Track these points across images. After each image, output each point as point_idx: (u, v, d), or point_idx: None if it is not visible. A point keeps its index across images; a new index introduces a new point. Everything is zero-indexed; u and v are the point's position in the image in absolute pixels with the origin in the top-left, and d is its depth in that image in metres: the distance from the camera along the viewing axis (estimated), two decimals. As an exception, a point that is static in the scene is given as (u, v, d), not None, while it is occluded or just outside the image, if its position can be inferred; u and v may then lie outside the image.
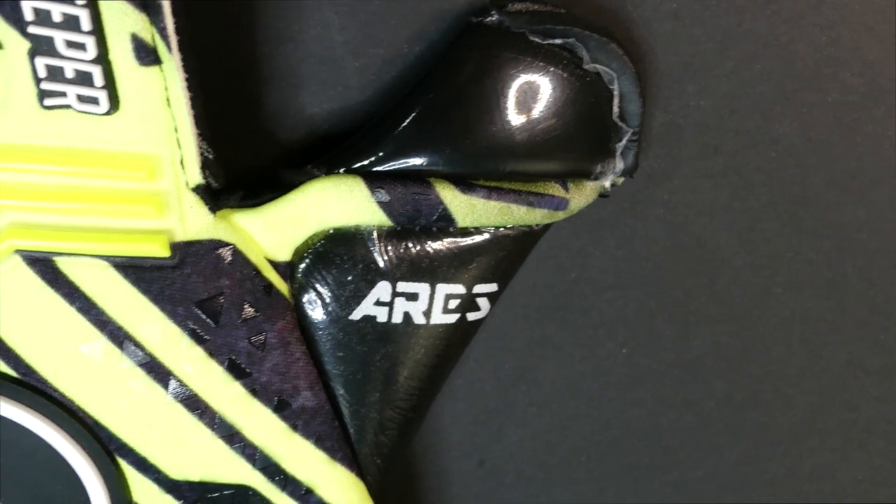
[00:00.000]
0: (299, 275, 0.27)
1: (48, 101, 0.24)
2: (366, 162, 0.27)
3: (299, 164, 0.28)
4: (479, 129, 0.27)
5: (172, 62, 0.23)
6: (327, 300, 0.27)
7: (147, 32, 0.23)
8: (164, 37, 0.23)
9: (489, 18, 0.27)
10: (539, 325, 0.32)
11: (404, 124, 0.27)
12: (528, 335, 0.32)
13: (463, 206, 0.27)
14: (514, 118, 0.27)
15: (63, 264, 0.25)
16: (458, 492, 0.34)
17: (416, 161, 0.27)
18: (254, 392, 0.27)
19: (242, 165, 0.28)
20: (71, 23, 0.23)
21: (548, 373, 0.33)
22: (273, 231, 0.26)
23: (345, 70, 0.29)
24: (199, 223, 0.26)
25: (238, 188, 0.27)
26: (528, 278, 0.32)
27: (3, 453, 0.26)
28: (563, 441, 0.33)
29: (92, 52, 0.23)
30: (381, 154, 0.27)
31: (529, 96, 0.27)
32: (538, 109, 0.27)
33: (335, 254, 0.27)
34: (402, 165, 0.27)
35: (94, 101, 0.24)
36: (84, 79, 0.23)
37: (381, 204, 0.27)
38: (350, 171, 0.27)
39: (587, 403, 0.33)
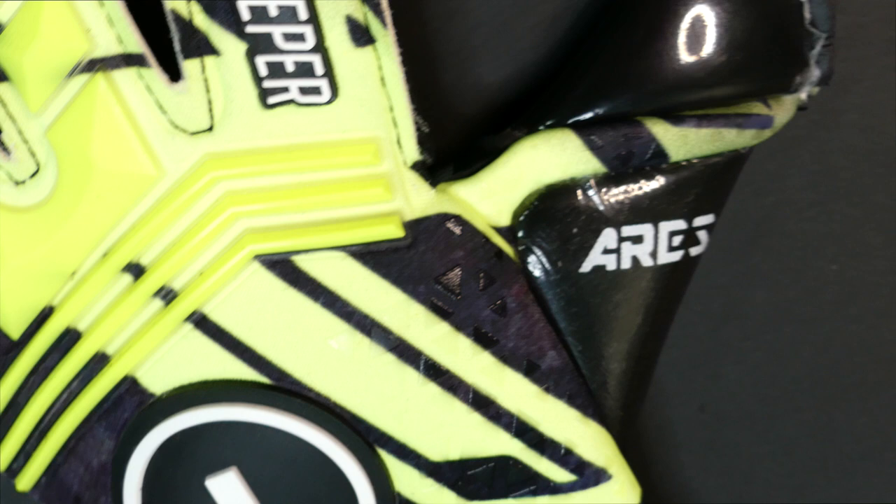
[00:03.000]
0: (521, 236, 0.27)
1: (272, 99, 0.24)
2: (564, 114, 0.27)
3: (488, 131, 0.28)
4: (675, 58, 0.27)
5: (388, 38, 0.23)
6: (554, 257, 0.27)
7: (360, 12, 0.23)
8: (378, 13, 0.23)
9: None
10: (743, 256, 0.32)
11: (596, 69, 0.27)
12: (733, 268, 0.32)
13: (675, 138, 0.27)
14: (709, 40, 0.27)
15: (302, 262, 0.25)
16: (682, 440, 0.33)
17: (617, 103, 0.27)
18: (503, 359, 0.26)
19: (438, 143, 0.28)
20: (288, 14, 0.23)
21: (758, 304, 0.32)
22: (492, 197, 0.26)
23: (515, 32, 0.29)
24: (423, 200, 0.26)
25: (448, 162, 0.27)
26: (727, 209, 0.31)
27: (265, 460, 0.26)
28: (783, 371, 0.33)
29: (311, 41, 0.23)
30: (579, 103, 0.27)
31: (719, 15, 0.27)
32: (730, 28, 0.27)
33: (556, 209, 0.27)
34: (603, 110, 0.27)
35: (317, 90, 0.24)
36: (305, 70, 0.23)
37: (595, 150, 0.26)
38: (552, 126, 0.27)
39: (803, 328, 0.32)
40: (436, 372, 0.26)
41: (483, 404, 0.27)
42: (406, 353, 0.26)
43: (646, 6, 0.27)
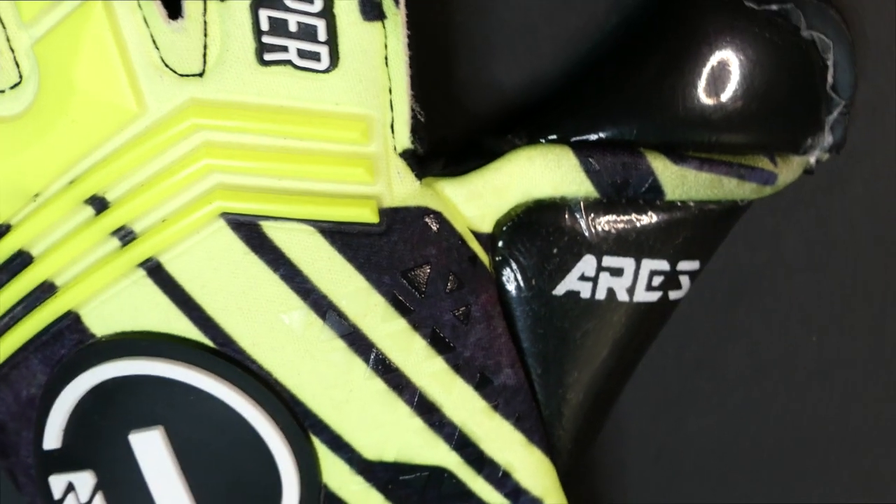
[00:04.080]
0: (500, 246, 0.26)
1: (268, 56, 0.23)
2: (568, 130, 0.26)
3: (491, 132, 0.27)
4: (689, 95, 0.26)
5: (398, 17, 0.22)
6: (530, 273, 0.26)
7: (374, -15, 0.22)
8: (393, -11, 0.22)
9: (702, -17, 0.26)
10: (725, 308, 0.31)
11: (608, 92, 0.26)
12: (713, 319, 0.31)
13: (674, 177, 0.26)
14: (726, 85, 0.26)
15: (269, 229, 0.24)
16: (632, 484, 0.32)
17: (623, 129, 0.26)
18: (456, 368, 0.25)
19: (435, 135, 0.27)
20: (299, -28, 0.22)
21: (732, 359, 0.31)
22: (477, 200, 0.25)
23: (537, 38, 0.28)
24: (406, 189, 0.25)
25: (440, 156, 0.26)
26: (718, 258, 0.30)
27: (195, 425, 0.25)
28: (746, 431, 0.32)
29: (318, 4, 0.22)
30: (583, 122, 0.26)
31: (743, 63, 0.26)
32: (751, 77, 0.26)
33: (539, 225, 0.26)
34: (607, 134, 0.26)
35: (316, 56, 0.23)
36: (307, 33, 0.22)
37: (590, 173, 0.25)
38: (553, 141, 0.26)
39: (773, 393, 0.31)
40: (385, 368, 0.25)
41: (427, 410, 0.26)
42: (358, 342, 0.25)
43: (669, 39, 0.26)
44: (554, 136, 0.26)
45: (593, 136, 0.26)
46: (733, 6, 0.26)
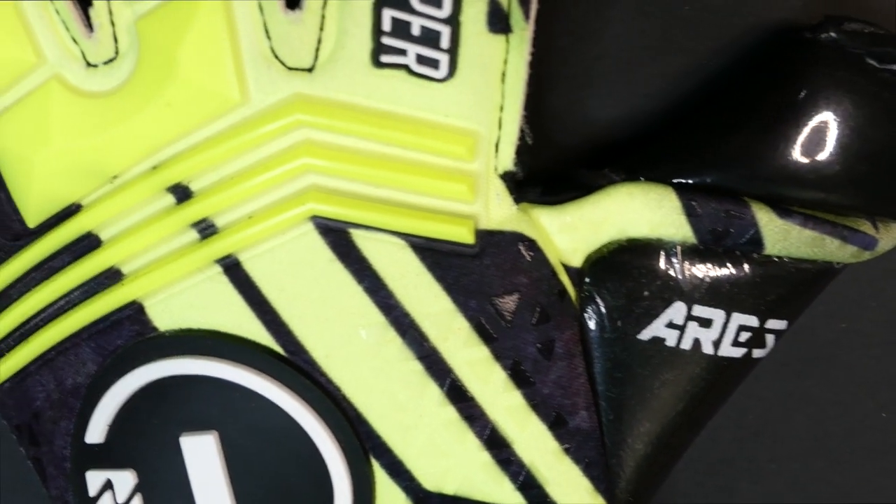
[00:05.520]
0: (587, 283, 0.25)
1: (385, 58, 0.22)
2: (668, 171, 0.25)
3: (580, 164, 0.26)
4: (799, 150, 0.25)
5: (525, 32, 0.22)
6: (615, 315, 0.25)
7: (505, -4, 0.21)
8: (525, 2, 0.21)
9: (823, 35, 0.25)
10: (795, 374, 0.30)
11: (713, 137, 0.25)
12: (780, 384, 0.30)
13: (776, 231, 0.25)
14: (839, 142, 0.25)
15: (358, 238, 0.23)
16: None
17: (725, 176, 0.25)
18: (533, 404, 0.24)
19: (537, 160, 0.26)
20: (433, -25, 0.21)
21: (794, 428, 0.30)
22: (572, 233, 0.24)
23: (640, 74, 0.28)
24: (503, 213, 0.24)
25: (536, 183, 0.25)
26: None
27: (251, 433, 0.24)
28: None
29: (447, 9, 0.21)
30: (685, 164, 0.25)
31: (857, 123, 0.25)
32: (863, 138, 0.25)
33: (632, 265, 0.25)
34: (708, 179, 0.25)
35: (434, 63, 0.22)
36: (429, 38, 0.22)
37: (691, 217, 0.24)
38: (652, 180, 0.25)
39: (833, 466, 0.30)
40: (459, 396, 0.24)
41: (497, 445, 0.24)
42: (435, 366, 0.24)
43: (782, 88, 0.25)
44: (653, 175, 0.25)
45: (695, 180, 0.25)
46: (854, 62, 0.25)
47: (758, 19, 0.27)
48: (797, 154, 0.25)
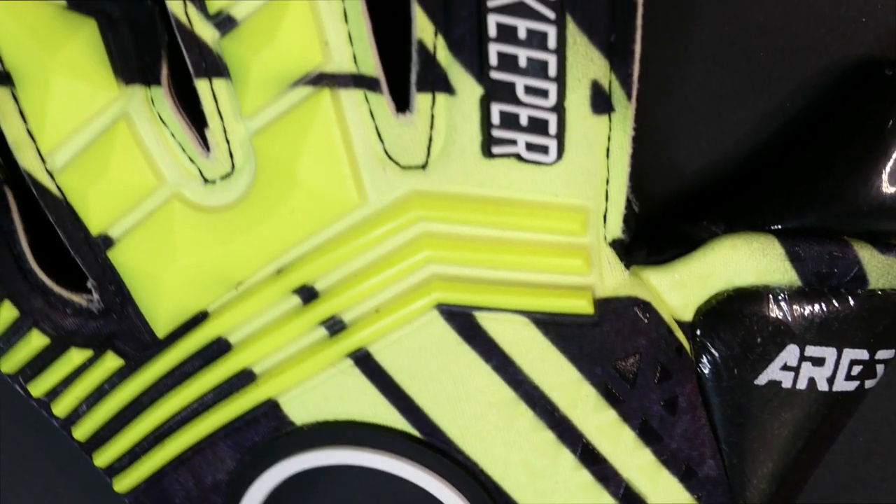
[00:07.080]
0: (700, 334, 0.26)
1: (496, 150, 0.23)
2: (767, 217, 0.26)
3: (673, 216, 0.27)
4: (890, 180, 0.26)
5: (628, 110, 0.22)
6: (731, 363, 0.26)
7: (606, 78, 0.22)
8: (627, 83, 0.22)
9: (904, 70, 0.26)
10: (899, 394, 0.30)
11: (806, 179, 0.26)
12: (885, 405, 0.30)
13: (880, 266, 0.25)
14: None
15: (483, 319, 0.24)
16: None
17: (824, 218, 0.26)
18: (663, 459, 0.25)
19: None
20: (537, 68, 0.22)
21: (904, 447, 0.31)
22: (682, 290, 0.25)
23: (722, 123, 0.28)
24: (616, 279, 0.24)
25: (641, 243, 0.26)
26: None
27: (397, 517, 0.25)
28: (914, 521, 0.31)
29: (553, 99, 0.22)
30: (782, 209, 0.26)
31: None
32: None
33: (742, 314, 0.25)
34: (808, 222, 0.26)
35: (544, 149, 0.23)
36: (537, 126, 0.22)
37: (795, 262, 0.25)
38: (751, 228, 0.26)
39: (946, 480, 0.31)
40: (592, 459, 0.25)
41: (632, 502, 0.25)
42: (567, 433, 0.25)
43: (862, 129, 0.26)
44: (751, 223, 0.26)
45: (794, 224, 0.26)
46: (935, 95, 0.26)
47: (833, 58, 0.27)
48: (890, 186, 0.26)
